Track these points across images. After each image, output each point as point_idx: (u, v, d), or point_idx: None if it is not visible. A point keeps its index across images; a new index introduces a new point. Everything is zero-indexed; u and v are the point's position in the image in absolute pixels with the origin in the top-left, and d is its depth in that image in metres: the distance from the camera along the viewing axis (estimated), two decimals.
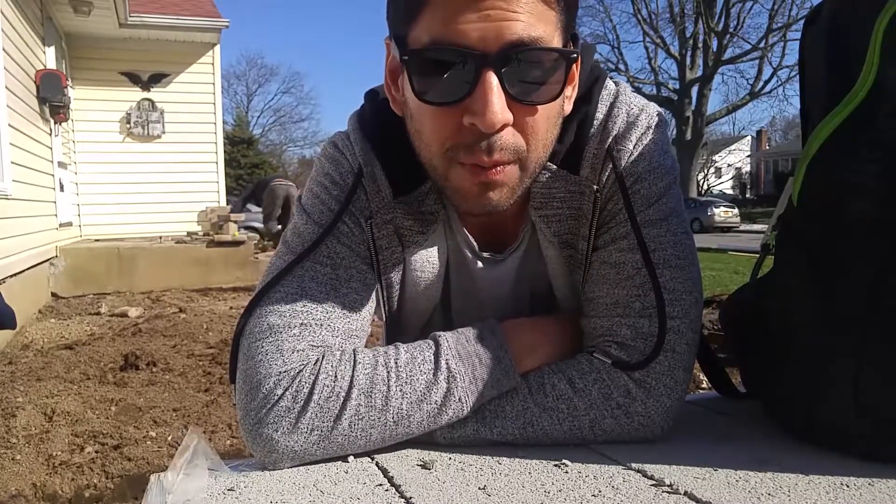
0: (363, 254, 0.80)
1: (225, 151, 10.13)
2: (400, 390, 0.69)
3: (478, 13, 0.61)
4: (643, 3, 29.04)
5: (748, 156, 44.53)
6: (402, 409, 0.69)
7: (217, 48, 9.34)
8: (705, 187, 40.36)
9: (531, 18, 0.62)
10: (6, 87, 5.33)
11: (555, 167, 0.78)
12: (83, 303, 6.25)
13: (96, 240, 8.15)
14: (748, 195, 40.81)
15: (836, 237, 0.64)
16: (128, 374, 3.66)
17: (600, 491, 0.61)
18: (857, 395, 0.64)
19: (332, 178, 0.81)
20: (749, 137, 45.82)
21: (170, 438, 2.75)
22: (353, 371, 0.70)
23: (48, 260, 6.51)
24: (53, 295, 6.54)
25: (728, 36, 28.08)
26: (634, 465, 0.67)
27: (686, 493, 0.60)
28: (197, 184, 9.24)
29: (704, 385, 2.65)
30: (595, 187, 0.78)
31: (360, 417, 0.68)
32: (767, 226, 0.76)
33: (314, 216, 0.80)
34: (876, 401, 0.63)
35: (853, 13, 0.64)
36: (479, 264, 0.86)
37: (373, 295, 0.81)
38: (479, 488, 0.62)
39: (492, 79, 0.62)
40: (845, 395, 0.65)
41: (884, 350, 0.62)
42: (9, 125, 5.34)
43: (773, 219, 0.74)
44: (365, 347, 0.77)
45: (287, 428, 0.67)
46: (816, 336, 0.66)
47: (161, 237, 8.30)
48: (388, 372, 0.70)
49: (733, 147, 43.95)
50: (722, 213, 22.09)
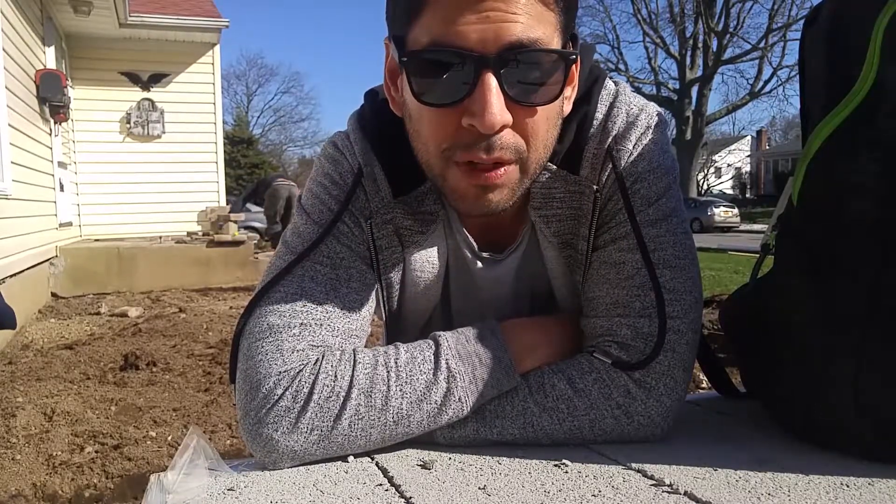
0: (363, 254, 0.80)
1: (225, 151, 10.13)
2: (400, 390, 0.69)
3: (477, 15, 0.61)
4: (643, 3, 29.10)
5: (748, 156, 44.53)
6: (402, 409, 0.69)
7: (217, 48, 9.34)
8: (705, 187, 40.37)
9: (530, 20, 0.62)
10: (6, 87, 5.33)
11: (554, 167, 0.78)
12: (83, 303, 6.25)
13: (96, 240, 8.15)
14: (748, 195, 40.82)
15: (836, 237, 0.64)
16: (128, 374, 3.66)
17: (600, 491, 0.61)
18: (857, 395, 0.64)
19: (332, 178, 0.81)
20: (749, 137, 45.83)
21: (170, 438, 2.75)
22: (353, 371, 0.70)
23: (48, 260, 6.51)
24: (53, 295, 6.54)
25: (728, 36, 28.11)
26: (634, 465, 0.67)
27: (686, 493, 0.60)
28: (197, 184, 9.24)
29: (704, 385, 2.65)
30: (595, 187, 0.78)
31: (360, 417, 0.68)
32: (767, 226, 0.76)
33: (314, 216, 0.80)
34: (876, 401, 0.63)
35: (853, 13, 0.64)
36: (479, 264, 0.86)
37: (373, 295, 0.81)
38: (479, 488, 0.62)
39: (491, 80, 0.62)
40: (845, 395, 0.65)
41: (884, 350, 0.62)
42: (9, 125, 5.34)
43: (773, 219, 0.74)
44: (365, 347, 0.77)
45: (287, 428, 0.67)
46: (816, 336, 0.66)
47: (161, 237, 8.30)
48: (388, 372, 0.70)
49: (733, 147, 43.95)
50: (722, 213, 22.08)
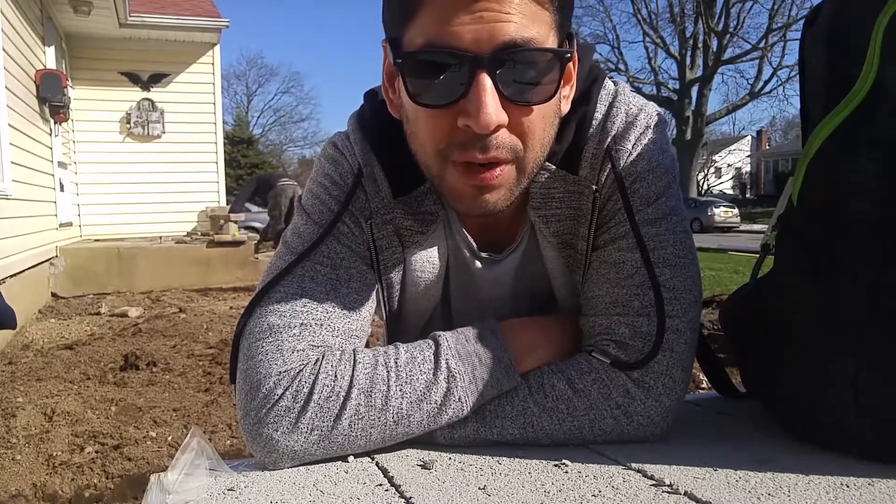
0: (363, 254, 0.80)
1: (225, 151, 10.12)
2: (400, 390, 0.69)
3: (470, 15, 0.61)
4: (643, 3, 29.09)
5: (748, 156, 44.54)
6: (402, 409, 0.69)
7: (217, 48, 9.34)
8: (705, 187, 40.37)
9: (524, 19, 0.62)
10: (6, 87, 5.33)
11: (553, 167, 0.78)
12: (83, 303, 6.25)
13: (96, 240, 8.15)
14: (748, 195, 40.83)
15: (836, 237, 0.64)
16: (128, 374, 3.66)
17: (600, 491, 0.61)
18: (857, 395, 0.64)
19: (332, 179, 0.81)
20: (749, 137, 45.83)
21: (170, 438, 2.75)
22: (353, 371, 0.70)
23: (48, 260, 6.51)
24: (53, 295, 6.54)
25: (728, 36, 28.10)
26: (634, 465, 0.67)
27: (686, 493, 0.60)
28: (197, 184, 9.24)
29: (704, 385, 2.65)
30: (594, 187, 0.78)
31: (360, 417, 0.68)
32: (767, 226, 0.76)
33: (314, 216, 0.80)
34: (876, 401, 0.63)
35: (853, 13, 0.64)
36: (478, 264, 0.86)
37: (373, 295, 0.81)
38: (479, 488, 0.62)
39: (485, 80, 0.62)
40: (845, 395, 0.65)
41: (884, 350, 0.62)
42: (9, 125, 5.34)
43: (773, 219, 0.74)
44: (365, 347, 0.77)
45: (287, 428, 0.67)
46: (816, 336, 0.66)
47: (161, 237, 8.30)
48: (388, 372, 0.70)
49: (733, 147, 43.95)
50: (722, 213, 22.08)
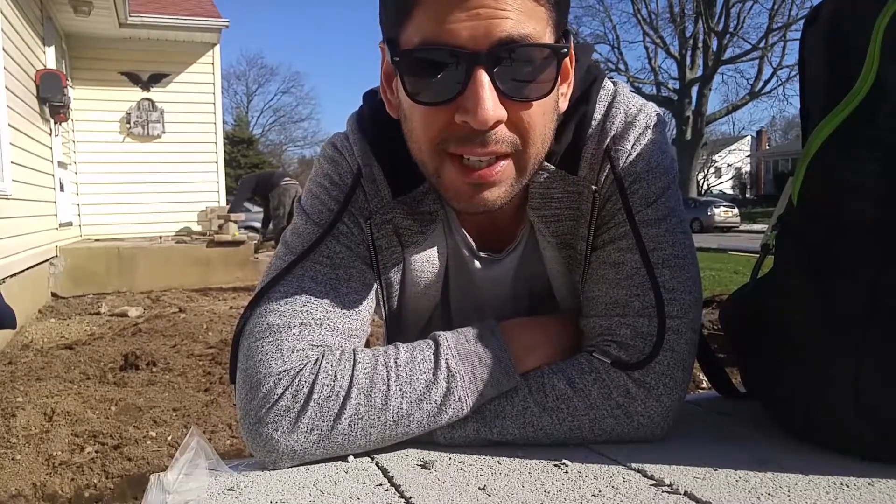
0: (363, 254, 0.80)
1: (225, 151, 10.13)
2: (400, 390, 0.69)
3: (467, 12, 0.61)
4: (643, 3, 29.08)
5: (748, 156, 44.53)
6: (402, 409, 0.69)
7: (217, 48, 9.34)
8: (705, 187, 40.37)
9: (520, 16, 0.63)
10: (6, 87, 5.33)
11: (553, 167, 0.78)
12: (83, 303, 6.25)
13: (96, 240, 8.15)
14: (748, 195, 40.82)
15: (836, 237, 0.64)
16: (128, 374, 3.66)
17: (600, 491, 0.61)
18: (857, 395, 0.64)
19: (332, 179, 0.81)
20: (749, 137, 45.83)
21: (170, 438, 2.75)
22: (353, 370, 0.70)
23: (48, 260, 6.51)
24: (53, 295, 6.54)
25: (728, 36, 28.09)
26: (634, 465, 0.67)
27: (686, 493, 0.60)
28: (197, 184, 9.24)
29: (704, 385, 2.65)
30: (594, 187, 0.78)
31: (360, 417, 0.68)
32: (767, 226, 0.76)
33: (313, 217, 0.80)
34: (876, 401, 0.63)
35: (853, 13, 0.64)
36: (478, 264, 0.86)
37: (372, 294, 0.81)
38: (479, 488, 0.62)
39: (483, 77, 0.62)
40: (845, 395, 0.65)
41: (884, 350, 0.62)
42: (9, 125, 5.34)
43: (773, 219, 0.74)
44: (365, 347, 0.77)
45: (287, 427, 0.67)
46: (816, 336, 0.66)
47: (161, 237, 8.30)
48: (388, 371, 0.70)
49: (733, 147, 43.95)
50: (722, 213, 22.08)
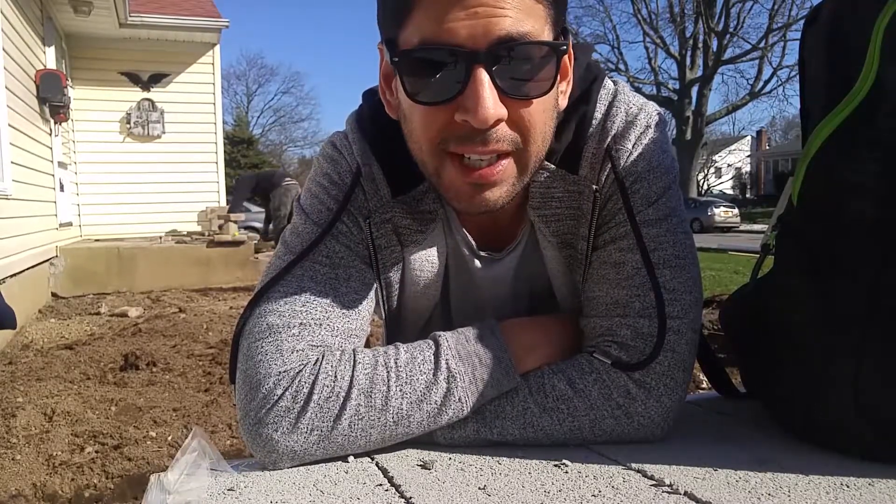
0: (362, 253, 0.80)
1: (225, 151, 10.13)
2: (400, 390, 0.69)
3: (465, 11, 0.61)
4: (643, 3, 29.07)
5: (748, 156, 44.53)
6: (402, 409, 0.69)
7: (217, 48, 9.34)
8: (705, 187, 40.37)
9: (519, 14, 0.63)
10: (6, 87, 5.33)
11: (553, 167, 0.78)
12: (83, 303, 6.25)
13: (96, 240, 8.15)
14: (748, 195, 40.82)
15: (836, 237, 0.64)
16: (128, 374, 3.66)
17: (600, 491, 0.61)
18: (857, 395, 0.64)
19: (331, 178, 0.81)
20: (749, 137, 45.83)
21: (170, 438, 2.75)
22: (353, 371, 0.70)
23: (48, 260, 6.51)
24: (53, 295, 6.54)
25: (728, 36, 28.09)
26: (634, 465, 0.67)
27: (686, 493, 0.60)
28: (197, 184, 9.24)
29: (704, 385, 2.65)
30: (594, 187, 0.78)
31: (360, 417, 0.68)
32: (767, 226, 0.76)
33: (313, 216, 0.80)
34: (876, 401, 0.63)
35: (853, 13, 0.64)
36: (478, 263, 0.86)
37: (372, 294, 0.81)
38: (479, 488, 0.62)
39: (482, 76, 0.62)
40: (845, 395, 0.65)
41: (884, 350, 0.62)
42: (9, 125, 5.34)
43: (773, 219, 0.74)
44: (365, 347, 0.77)
45: (287, 428, 0.67)
46: (816, 336, 0.66)
47: (161, 237, 8.30)
48: (388, 372, 0.70)
49: (733, 147, 43.94)
50: (722, 213, 22.08)
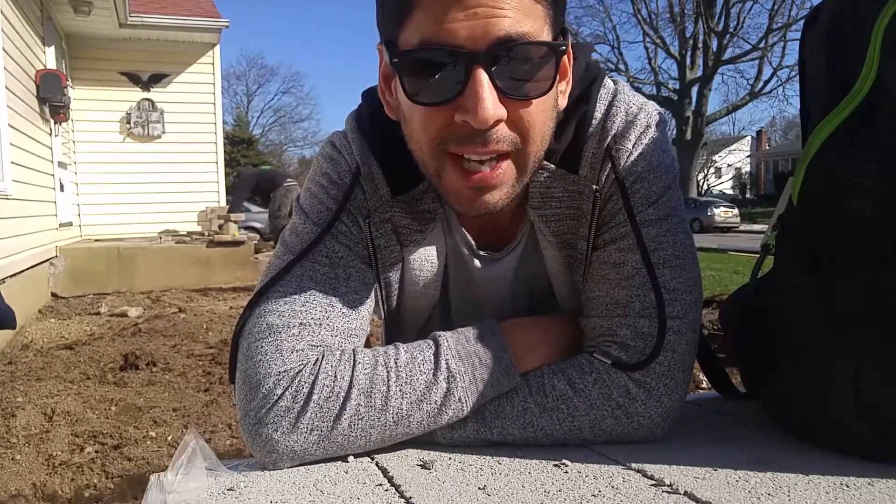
0: (362, 253, 0.80)
1: (225, 151, 10.13)
2: (400, 390, 0.69)
3: (464, 12, 0.61)
4: (643, 3, 29.06)
5: (748, 156, 44.53)
6: (402, 409, 0.69)
7: (217, 48, 9.34)
8: (705, 187, 40.36)
9: (518, 14, 0.63)
10: (6, 87, 5.33)
11: (553, 166, 0.78)
12: (83, 303, 6.25)
13: (96, 240, 8.15)
14: (748, 195, 40.82)
15: (836, 237, 0.64)
16: (128, 374, 3.66)
17: (600, 491, 0.61)
18: (857, 395, 0.64)
19: (330, 178, 0.81)
20: (749, 137, 45.82)
21: (170, 438, 2.75)
22: (353, 371, 0.70)
23: (48, 260, 6.51)
24: (53, 295, 6.54)
25: (728, 36, 28.08)
26: (634, 465, 0.67)
27: (686, 493, 0.60)
28: (197, 184, 9.24)
29: (704, 385, 2.65)
30: (595, 187, 0.78)
31: (360, 417, 0.68)
32: (767, 226, 0.76)
33: (312, 216, 0.80)
34: (876, 401, 0.63)
35: (853, 13, 0.64)
36: (477, 263, 0.86)
37: (372, 294, 0.81)
38: (479, 488, 0.62)
39: (482, 76, 0.62)
40: (845, 395, 0.65)
41: (884, 350, 0.62)
42: (9, 125, 5.34)
43: (773, 219, 0.74)
44: (365, 347, 0.77)
45: (287, 428, 0.67)
46: (816, 336, 0.66)
47: (161, 237, 8.30)
48: (388, 372, 0.70)
49: (733, 147, 43.94)
50: (722, 213, 22.08)
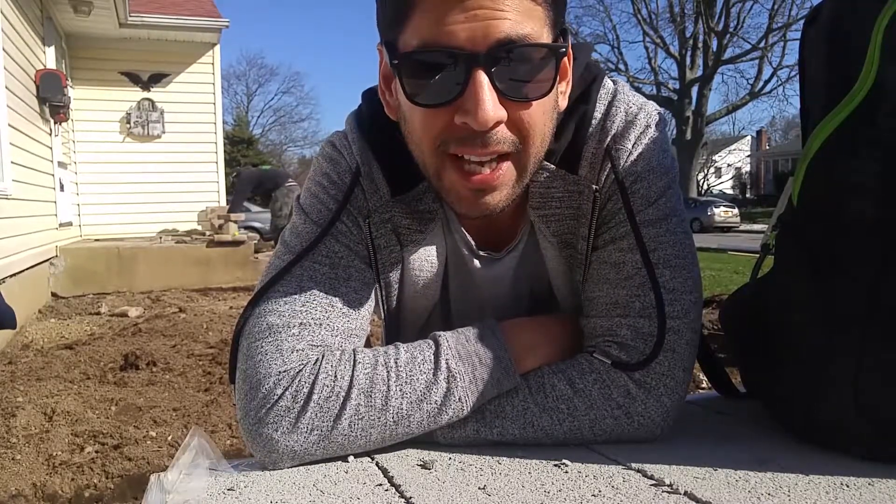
0: (362, 253, 0.80)
1: (225, 151, 10.13)
2: (400, 390, 0.69)
3: (465, 13, 0.61)
4: (643, 3, 29.06)
5: (748, 156, 44.53)
6: (402, 409, 0.69)
7: (217, 48, 9.34)
8: (705, 187, 40.38)
9: (518, 16, 0.63)
10: (6, 87, 5.33)
11: (553, 166, 0.78)
12: (83, 303, 6.25)
13: (96, 240, 8.15)
14: (748, 195, 40.82)
15: (836, 237, 0.64)
16: (128, 374, 3.66)
17: (600, 491, 0.61)
18: (857, 395, 0.64)
19: (330, 178, 0.81)
20: (749, 137, 45.84)
21: (170, 438, 2.75)
22: (353, 371, 0.70)
23: (48, 260, 6.51)
24: (53, 295, 6.54)
25: (728, 36, 28.07)
26: (634, 465, 0.67)
27: (686, 493, 0.60)
28: (197, 184, 9.24)
29: (704, 385, 2.65)
30: (594, 187, 0.78)
31: (360, 417, 0.68)
32: (767, 226, 0.76)
33: (312, 216, 0.80)
34: (876, 401, 0.63)
35: (853, 13, 0.64)
36: (477, 263, 0.86)
37: (372, 294, 0.81)
38: (479, 488, 0.62)
39: (482, 78, 0.62)
40: (845, 395, 0.65)
41: (884, 350, 0.62)
42: (9, 125, 5.34)
43: (773, 219, 0.74)
44: (365, 347, 0.77)
45: (287, 428, 0.67)
46: (816, 336, 0.66)
47: (161, 237, 8.30)
48: (388, 372, 0.70)
49: (733, 147, 43.96)
50: (722, 213, 22.08)
